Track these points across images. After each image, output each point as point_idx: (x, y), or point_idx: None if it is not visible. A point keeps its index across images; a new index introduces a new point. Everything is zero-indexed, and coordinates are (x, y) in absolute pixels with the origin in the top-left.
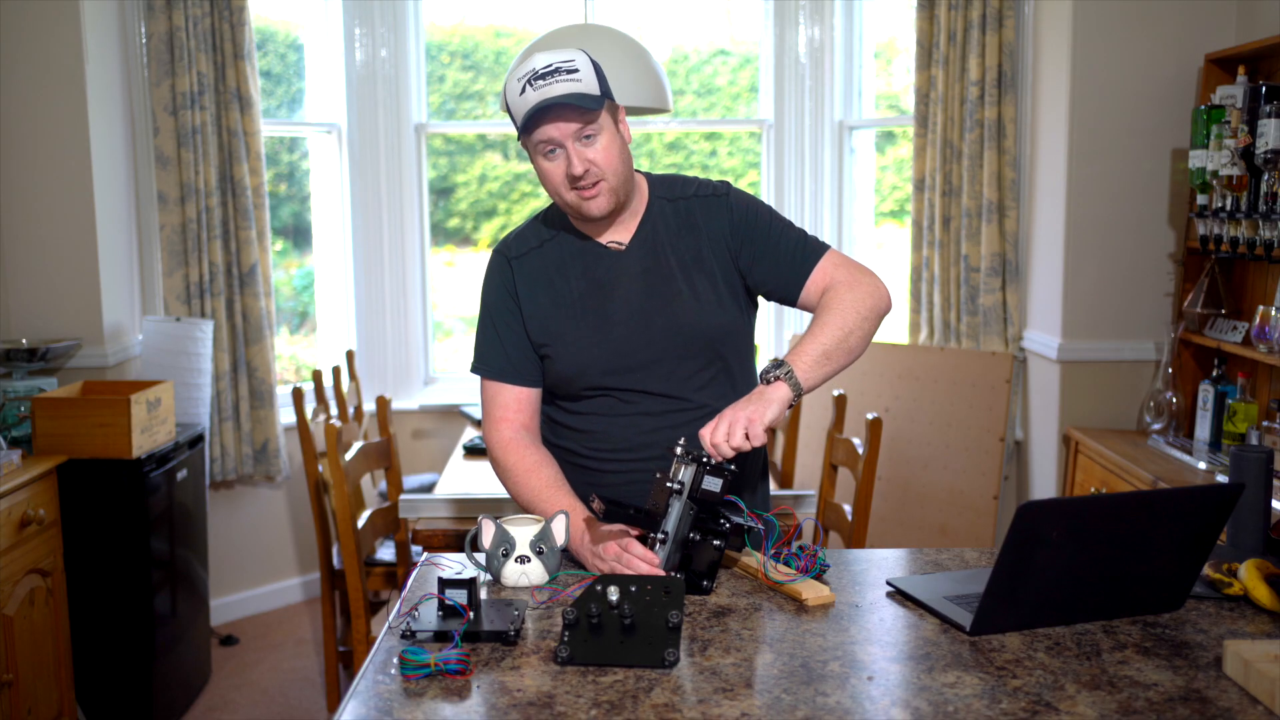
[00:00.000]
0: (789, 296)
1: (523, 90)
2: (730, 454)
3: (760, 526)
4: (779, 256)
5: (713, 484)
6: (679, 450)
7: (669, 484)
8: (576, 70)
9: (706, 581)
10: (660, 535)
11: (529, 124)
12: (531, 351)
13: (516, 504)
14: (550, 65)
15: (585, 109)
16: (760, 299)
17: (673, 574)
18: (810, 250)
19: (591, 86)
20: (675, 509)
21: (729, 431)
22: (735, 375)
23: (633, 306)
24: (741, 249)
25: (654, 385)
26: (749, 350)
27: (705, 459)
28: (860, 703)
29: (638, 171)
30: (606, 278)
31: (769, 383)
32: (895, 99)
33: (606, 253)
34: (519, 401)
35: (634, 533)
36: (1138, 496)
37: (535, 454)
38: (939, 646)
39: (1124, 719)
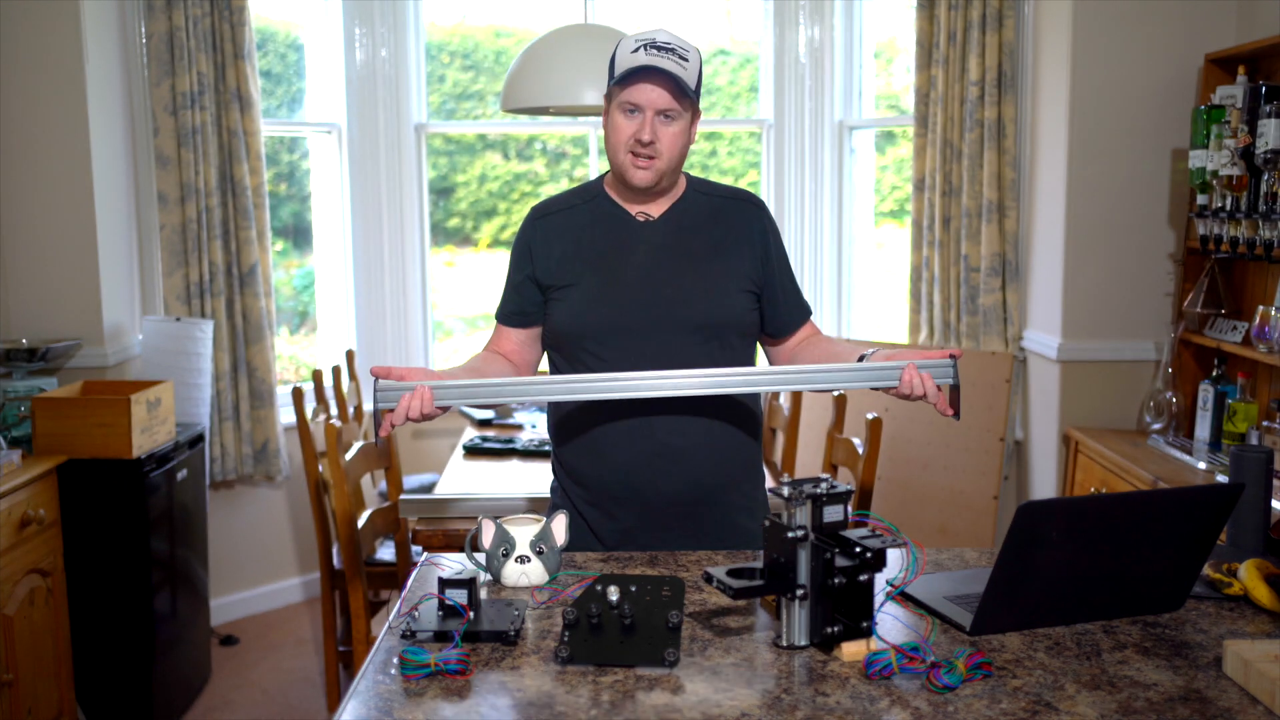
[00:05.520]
0: (772, 333)
1: (635, 50)
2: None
3: (905, 539)
4: (784, 295)
5: (834, 513)
6: (786, 493)
7: (789, 533)
8: (688, 61)
9: (866, 623)
10: (799, 591)
11: (628, 77)
12: (533, 305)
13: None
14: (670, 44)
15: (680, 93)
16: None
17: (830, 630)
18: (805, 305)
19: (692, 80)
20: (803, 557)
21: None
22: (731, 361)
23: (645, 273)
24: (765, 263)
25: (649, 352)
26: (747, 341)
27: (819, 493)
28: (860, 703)
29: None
30: (628, 243)
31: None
32: (895, 99)
33: (633, 221)
34: (505, 337)
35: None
36: (1138, 496)
37: (486, 354)
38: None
39: (1124, 719)
